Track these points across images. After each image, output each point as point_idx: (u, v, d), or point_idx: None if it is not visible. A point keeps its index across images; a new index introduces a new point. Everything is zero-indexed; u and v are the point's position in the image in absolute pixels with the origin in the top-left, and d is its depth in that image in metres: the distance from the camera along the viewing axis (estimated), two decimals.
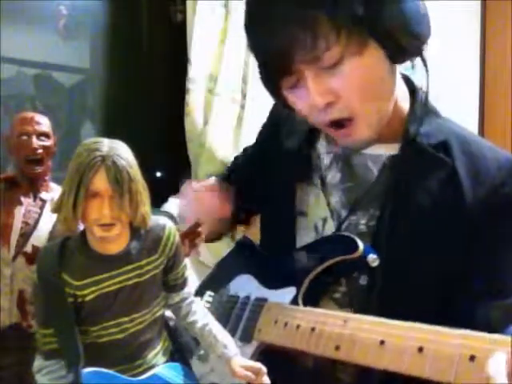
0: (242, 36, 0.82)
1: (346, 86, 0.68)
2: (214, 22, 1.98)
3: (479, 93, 2.52)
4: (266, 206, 0.92)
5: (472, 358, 0.52)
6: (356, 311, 0.73)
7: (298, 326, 0.71)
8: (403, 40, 0.67)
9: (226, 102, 2.00)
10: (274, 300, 0.79)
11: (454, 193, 0.72)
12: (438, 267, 0.72)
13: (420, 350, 0.56)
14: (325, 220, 0.81)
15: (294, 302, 0.76)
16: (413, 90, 0.82)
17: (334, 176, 0.82)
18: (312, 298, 0.76)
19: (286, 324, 0.73)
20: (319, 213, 0.82)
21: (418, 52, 0.71)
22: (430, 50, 0.78)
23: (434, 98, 0.86)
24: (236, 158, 1.12)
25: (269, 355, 0.75)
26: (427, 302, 0.71)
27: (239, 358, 0.69)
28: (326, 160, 0.84)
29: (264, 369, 0.67)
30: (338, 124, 0.72)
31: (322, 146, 0.86)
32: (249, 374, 0.67)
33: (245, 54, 2.00)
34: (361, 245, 0.71)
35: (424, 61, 0.74)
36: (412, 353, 0.57)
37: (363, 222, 0.77)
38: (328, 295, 0.77)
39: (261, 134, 1.02)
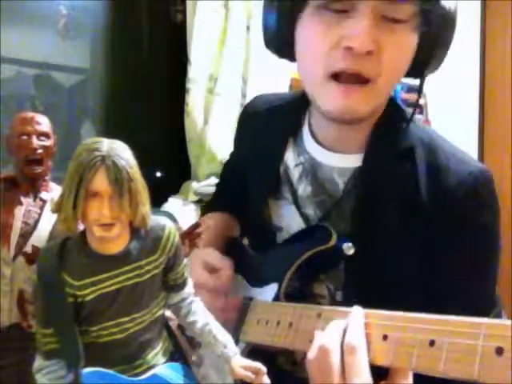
0: (241, 36, 0.82)
1: (391, 47, 0.64)
2: (214, 22, 1.98)
3: (479, 93, 2.52)
4: (245, 218, 0.92)
5: (432, 342, 0.51)
6: None
7: (278, 323, 0.71)
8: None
9: (225, 102, 2.00)
10: (259, 298, 0.79)
11: (416, 206, 0.70)
12: (413, 281, 0.71)
13: (385, 337, 0.55)
14: None
15: (277, 298, 0.76)
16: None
17: (305, 189, 0.80)
18: (295, 293, 0.75)
19: (267, 322, 0.73)
20: (294, 226, 0.81)
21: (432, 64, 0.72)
22: None
23: (434, 98, 0.86)
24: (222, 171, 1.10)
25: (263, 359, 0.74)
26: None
27: (239, 357, 0.69)
28: (295, 173, 0.82)
29: (264, 369, 0.67)
30: (346, 78, 0.65)
31: (290, 158, 0.84)
32: (249, 373, 0.67)
33: (245, 53, 2.00)
34: (334, 234, 0.71)
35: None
36: (377, 341, 0.56)
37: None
38: None
39: (234, 147, 1.01)
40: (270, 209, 0.84)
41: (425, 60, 0.70)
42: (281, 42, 0.74)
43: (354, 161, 0.76)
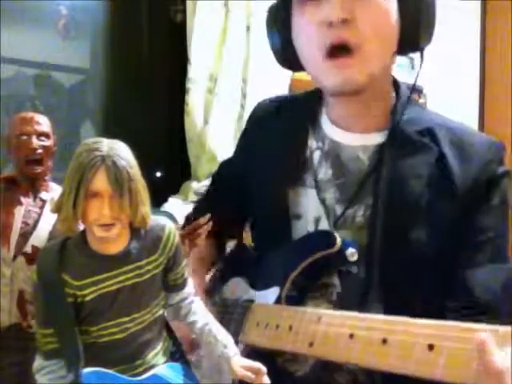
0: (241, 36, 0.85)
1: (366, 13, 0.71)
2: (214, 22, 1.98)
3: (479, 93, 2.51)
4: (259, 213, 0.92)
5: (431, 346, 0.52)
6: (354, 306, 0.72)
7: (277, 326, 0.72)
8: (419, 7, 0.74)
9: (225, 102, 2.00)
10: (260, 301, 0.79)
11: (443, 174, 0.75)
12: (436, 247, 0.74)
13: (384, 341, 0.56)
14: (317, 220, 0.81)
15: (278, 301, 0.76)
16: (396, 83, 0.85)
17: (325, 172, 0.82)
18: (297, 297, 0.76)
19: (267, 325, 0.74)
20: (313, 213, 0.82)
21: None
22: (430, 49, 0.79)
23: (435, 97, 0.89)
24: (217, 173, 1.09)
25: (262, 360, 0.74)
26: (428, 284, 0.72)
27: (239, 357, 0.69)
28: (315, 158, 0.84)
29: (264, 369, 0.67)
30: (337, 53, 0.72)
31: (311, 144, 0.86)
32: (248, 373, 0.67)
33: (245, 53, 2.00)
34: (338, 239, 0.71)
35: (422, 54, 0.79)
36: (377, 345, 0.56)
37: (360, 213, 0.77)
38: (324, 297, 0.77)
39: (241, 144, 1.01)
40: (288, 198, 0.85)
41: (414, 31, 0.76)
42: (288, 54, 0.81)
43: (376, 138, 0.80)
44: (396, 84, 0.84)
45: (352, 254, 0.71)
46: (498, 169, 0.77)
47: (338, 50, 0.72)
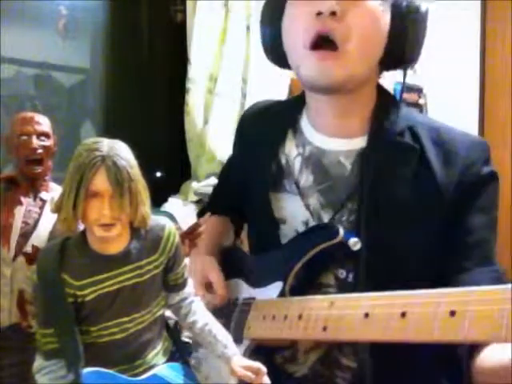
0: (241, 36, 0.86)
1: (357, 14, 0.72)
2: (214, 22, 1.98)
3: (479, 93, 2.51)
4: (251, 214, 0.93)
5: (452, 312, 0.52)
6: None
7: (285, 317, 0.72)
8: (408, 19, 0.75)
9: (225, 102, 2.00)
10: (262, 297, 0.79)
11: (425, 175, 0.75)
12: (421, 249, 0.74)
13: (403, 315, 0.56)
14: (306, 224, 0.81)
15: (282, 295, 0.76)
16: (380, 88, 0.85)
17: (307, 179, 0.82)
18: (301, 290, 0.76)
19: (273, 317, 0.74)
20: (299, 217, 0.82)
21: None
22: (430, 49, 0.79)
23: (435, 97, 0.89)
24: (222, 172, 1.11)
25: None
26: (416, 286, 0.72)
27: (239, 357, 0.69)
28: (296, 164, 0.84)
29: (264, 368, 0.67)
30: (321, 45, 0.73)
31: (290, 151, 0.86)
32: (248, 373, 0.67)
33: (245, 53, 2.01)
34: (341, 230, 0.72)
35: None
36: (396, 319, 0.57)
37: (344, 218, 0.78)
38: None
39: (235, 147, 1.02)
40: (271, 202, 0.85)
41: (400, 51, 0.77)
42: (276, 49, 0.81)
43: (358, 143, 0.80)
44: (380, 88, 0.84)
45: (354, 243, 0.72)
46: (484, 169, 0.76)
47: (323, 43, 0.72)
